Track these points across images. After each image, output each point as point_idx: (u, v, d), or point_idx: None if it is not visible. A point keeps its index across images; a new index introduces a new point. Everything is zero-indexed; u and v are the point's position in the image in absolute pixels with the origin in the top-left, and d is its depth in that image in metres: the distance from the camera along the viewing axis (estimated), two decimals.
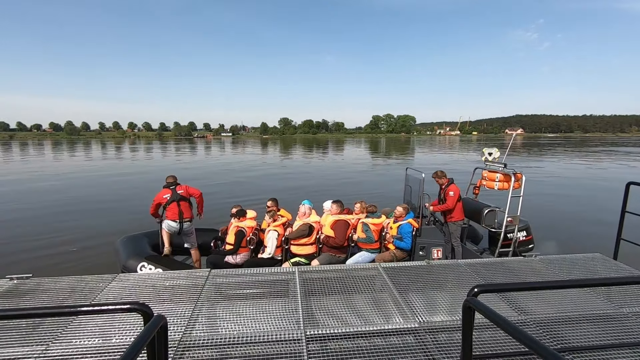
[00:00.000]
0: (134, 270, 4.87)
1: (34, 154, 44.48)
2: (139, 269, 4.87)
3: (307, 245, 5.23)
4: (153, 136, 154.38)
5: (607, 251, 4.44)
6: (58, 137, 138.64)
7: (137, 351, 1.19)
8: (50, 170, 25.53)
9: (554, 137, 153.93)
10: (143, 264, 4.95)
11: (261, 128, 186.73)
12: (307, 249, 5.22)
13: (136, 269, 4.89)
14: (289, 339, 2.61)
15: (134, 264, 4.97)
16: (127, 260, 5.10)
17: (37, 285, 3.47)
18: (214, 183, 18.85)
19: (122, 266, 5.10)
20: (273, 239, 5.24)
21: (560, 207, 12.61)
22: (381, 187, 17.18)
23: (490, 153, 6.03)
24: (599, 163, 30.52)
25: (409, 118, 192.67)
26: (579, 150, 50.37)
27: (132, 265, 4.96)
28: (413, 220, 5.35)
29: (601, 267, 4.07)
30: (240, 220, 5.40)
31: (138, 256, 5.12)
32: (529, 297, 3.28)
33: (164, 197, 5.51)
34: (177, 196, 5.53)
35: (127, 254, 5.22)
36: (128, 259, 5.12)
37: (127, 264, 5.03)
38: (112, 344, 2.52)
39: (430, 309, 3.06)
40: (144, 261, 5.00)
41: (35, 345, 2.48)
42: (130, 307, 1.49)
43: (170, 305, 3.10)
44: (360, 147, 61.05)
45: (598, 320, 2.93)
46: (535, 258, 4.31)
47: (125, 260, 5.13)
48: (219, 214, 9.31)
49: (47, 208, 12.60)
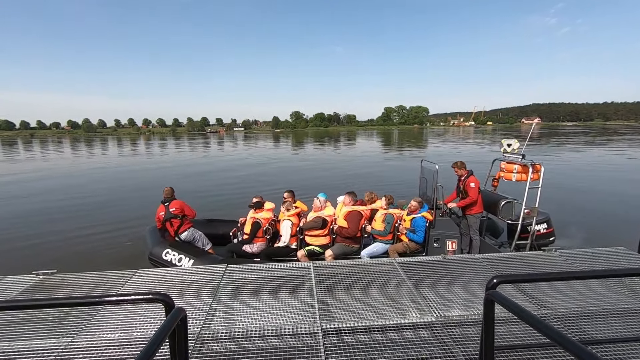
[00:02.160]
0: (160, 256, 5.33)
1: (67, 150, 45.93)
2: (164, 255, 5.30)
3: (321, 237, 5.35)
4: (167, 132, 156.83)
5: (632, 245, 4.30)
6: (76, 134, 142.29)
7: (160, 342, 1.23)
8: (93, 164, 27.26)
9: (573, 125, 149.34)
10: (167, 250, 5.34)
11: (273, 122, 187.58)
12: (321, 239, 5.36)
13: (161, 255, 5.32)
14: (306, 333, 2.64)
15: (160, 250, 5.38)
16: (154, 247, 5.51)
17: (62, 280, 3.60)
18: (232, 176, 19.22)
19: (150, 252, 5.51)
20: (287, 228, 5.46)
21: (583, 199, 12.23)
22: (395, 179, 17.13)
23: (509, 144, 5.90)
24: (622, 153, 29.45)
25: (421, 109, 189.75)
26: (603, 139, 48.69)
27: (158, 252, 5.38)
28: (427, 213, 5.34)
29: (624, 261, 3.94)
30: (257, 212, 5.58)
31: (163, 243, 5.52)
32: (548, 291, 3.21)
33: (160, 214, 5.75)
34: (169, 215, 5.70)
35: (153, 241, 5.64)
36: (154, 246, 5.52)
37: (154, 251, 5.45)
38: (134, 337, 2.59)
39: (446, 304, 3.03)
40: (168, 248, 5.38)
41: (61, 337, 2.58)
42: (152, 297, 1.54)
43: (189, 299, 3.16)
44: (372, 140, 60.49)
45: (622, 314, 2.84)
46: (555, 252, 4.21)
47: (151, 247, 5.54)
48: (237, 205, 10.30)
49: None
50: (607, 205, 11.39)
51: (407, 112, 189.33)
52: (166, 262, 5.22)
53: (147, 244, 5.71)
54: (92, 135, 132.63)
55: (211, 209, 10.57)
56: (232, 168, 23.80)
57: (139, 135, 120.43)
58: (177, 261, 5.17)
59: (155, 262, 5.35)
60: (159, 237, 5.73)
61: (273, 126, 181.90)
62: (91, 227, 9.65)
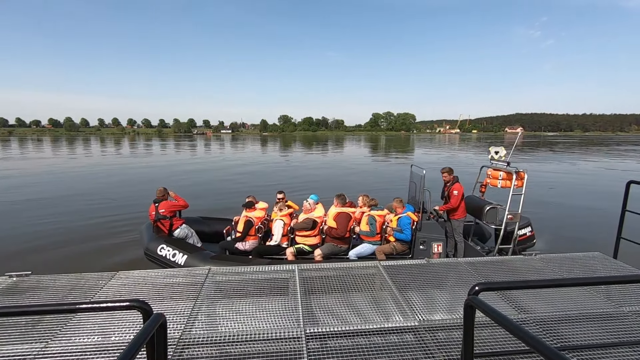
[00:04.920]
0: (155, 251, 5.40)
1: (65, 150, 44.41)
2: (159, 251, 5.37)
3: (311, 237, 5.55)
4: (152, 133, 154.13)
5: (607, 250, 4.45)
6: (57, 133, 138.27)
7: (137, 349, 1.19)
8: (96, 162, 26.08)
9: (553, 135, 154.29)
10: (162, 246, 5.40)
11: (261, 125, 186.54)
12: (311, 239, 5.56)
13: (156, 250, 5.39)
14: (289, 337, 2.61)
15: (155, 246, 5.46)
16: (149, 242, 5.58)
17: (37, 282, 3.47)
18: (223, 178, 19.09)
19: (145, 247, 5.59)
20: (279, 228, 5.65)
21: (562, 205, 12.58)
22: (382, 184, 17.29)
23: (496, 152, 6.15)
24: (601, 161, 30.49)
25: (408, 116, 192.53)
26: (581, 148, 50.34)
27: (153, 247, 5.47)
28: (412, 214, 5.54)
29: (601, 266, 4.07)
30: (249, 211, 5.76)
31: (158, 239, 5.58)
32: (529, 295, 3.28)
33: (152, 213, 5.88)
34: (158, 216, 5.79)
35: (149, 237, 5.72)
36: (150, 241, 5.59)
37: (149, 246, 5.53)
38: (111, 342, 2.51)
39: (429, 308, 3.06)
40: (163, 243, 5.43)
41: (34, 343, 2.48)
42: (129, 305, 1.47)
43: (170, 303, 3.09)
44: (360, 146, 60.88)
45: (598, 319, 2.93)
46: (535, 257, 4.31)
47: (147, 242, 5.61)
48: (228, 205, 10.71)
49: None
50: (583, 211, 11.76)
51: (395, 119, 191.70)
52: (161, 257, 5.33)
53: (143, 239, 5.80)
54: (74, 134, 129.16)
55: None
56: (221, 168, 23.58)
57: (123, 136, 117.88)
58: (171, 256, 5.25)
59: (151, 257, 5.48)
60: (154, 233, 5.81)
61: (261, 129, 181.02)
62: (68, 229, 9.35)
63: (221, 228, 6.59)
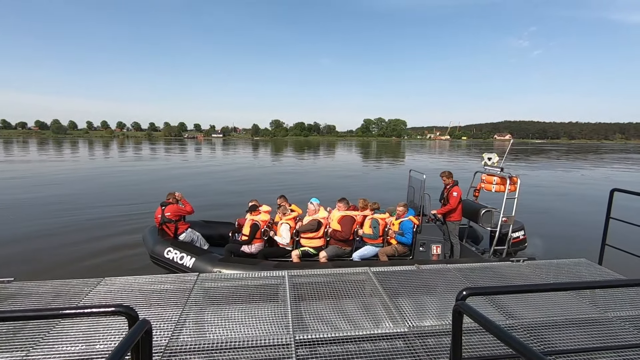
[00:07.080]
0: (162, 254, 5.30)
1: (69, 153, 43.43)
2: (166, 254, 5.29)
3: (316, 239, 5.64)
4: (142, 136, 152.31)
5: (593, 256, 4.54)
6: (44, 135, 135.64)
7: (121, 356, 1.16)
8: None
9: (540, 143, 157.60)
10: (169, 249, 5.33)
11: (252, 130, 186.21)
12: (315, 241, 5.65)
13: (163, 253, 5.31)
14: (278, 344, 2.59)
15: (162, 249, 5.37)
16: (155, 246, 5.50)
17: (20, 289, 3.38)
18: (219, 182, 18.85)
19: (151, 251, 5.52)
20: (286, 231, 5.75)
21: (551, 212, 12.80)
22: (379, 188, 17.52)
23: (489, 158, 6.31)
24: (588, 169, 31.16)
25: (400, 122, 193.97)
26: (569, 156, 51.44)
27: (160, 250, 5.38)
28: (414, 217, 5.72)
29: (586, 272, 4.15)
30: (254, 215, 5.81)
31: (164, 242, 5.51)
32: (516, 301, 3.32)
33: (158, 216, 5.86)
34: (164, 219, 5.78)
35: (154, 240, 5.64)
36: (155, 244, 5.51)
37: (155, 249, 5.44)
38: (96, 350, 2.45)
39: (419, 314, 3.07)
40: (170, 246, 5.36)
41: (15, 351, 2.41)
42: (114, 310, 1.45)
43: (157, 309, 3.04)
44: (352, 151, 61.12)
45: (583, 324, 2.98)
46: (522, 263, 4.39)
47: (153, 246, 5.53)
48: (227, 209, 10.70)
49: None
50: (570, 217, 11.99)
51: (386, 125, 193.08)
52: (168, 259, 5.27)
53: (148, 243, 5.74)
54: (61, 137, 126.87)
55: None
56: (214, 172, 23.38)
57: (112, 139, 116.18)
58: (178, 259, 5.18)
59: (157, 260, 5.41)
60: (160, 236, 5.76)
61: (253, 134, 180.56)
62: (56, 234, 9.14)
63: (224, 231, 6.62)
